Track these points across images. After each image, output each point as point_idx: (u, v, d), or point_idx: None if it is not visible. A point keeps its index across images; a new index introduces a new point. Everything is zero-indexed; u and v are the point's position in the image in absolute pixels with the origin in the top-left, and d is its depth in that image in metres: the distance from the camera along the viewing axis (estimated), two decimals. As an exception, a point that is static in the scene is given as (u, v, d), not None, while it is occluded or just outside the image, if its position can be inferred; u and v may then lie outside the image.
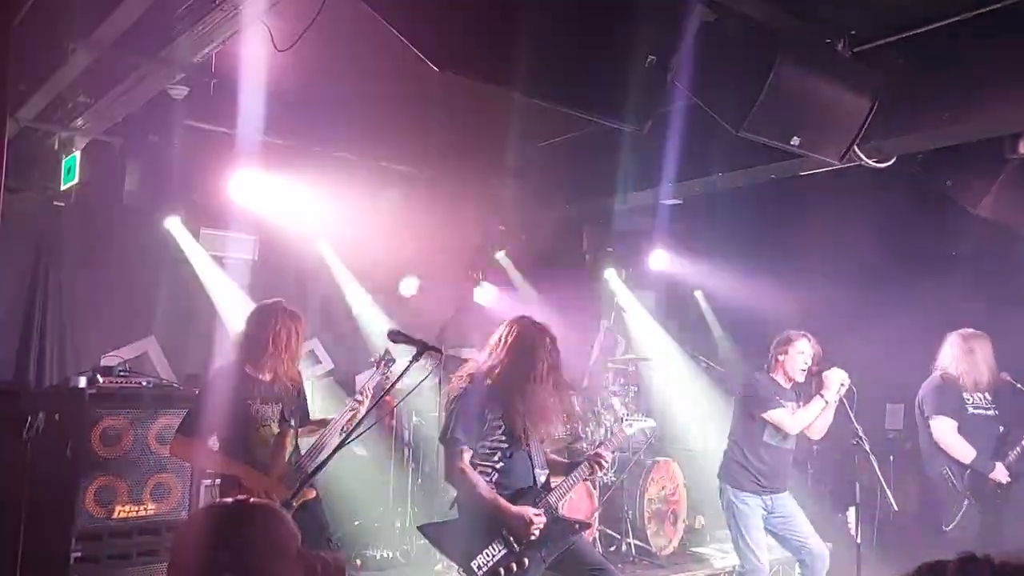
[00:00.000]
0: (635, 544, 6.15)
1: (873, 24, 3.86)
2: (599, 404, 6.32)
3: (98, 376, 4.95)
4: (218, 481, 4.63)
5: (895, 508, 4.43)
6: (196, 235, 6.06)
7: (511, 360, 3.64)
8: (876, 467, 4.35)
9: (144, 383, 5.09)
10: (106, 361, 5.61)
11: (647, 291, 8.30)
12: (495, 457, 3.60)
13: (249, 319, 4.11)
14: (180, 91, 4.96)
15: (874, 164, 4.30)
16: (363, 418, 3.90)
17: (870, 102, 3.72)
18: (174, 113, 5.21)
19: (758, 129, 3.54)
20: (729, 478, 4.80)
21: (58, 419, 4.81)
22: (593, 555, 3.86)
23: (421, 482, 6.22)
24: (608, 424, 6.08)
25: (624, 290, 7.86)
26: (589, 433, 6.06)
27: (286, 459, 3.94)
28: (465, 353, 5.40)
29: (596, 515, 5.87)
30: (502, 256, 7.18)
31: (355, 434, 3.54)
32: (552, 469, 3.81)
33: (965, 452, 4.96)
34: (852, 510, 4.36)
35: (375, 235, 6.64)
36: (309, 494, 3.85)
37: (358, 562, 5.74)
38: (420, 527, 3.72)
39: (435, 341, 5.40)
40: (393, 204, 6.44)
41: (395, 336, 3.38)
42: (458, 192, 6.66)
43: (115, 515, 4.77)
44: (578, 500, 5.59)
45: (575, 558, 3.66)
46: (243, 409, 3.88)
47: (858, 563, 4.24)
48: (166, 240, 5.95)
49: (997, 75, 3.75)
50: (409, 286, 6.68)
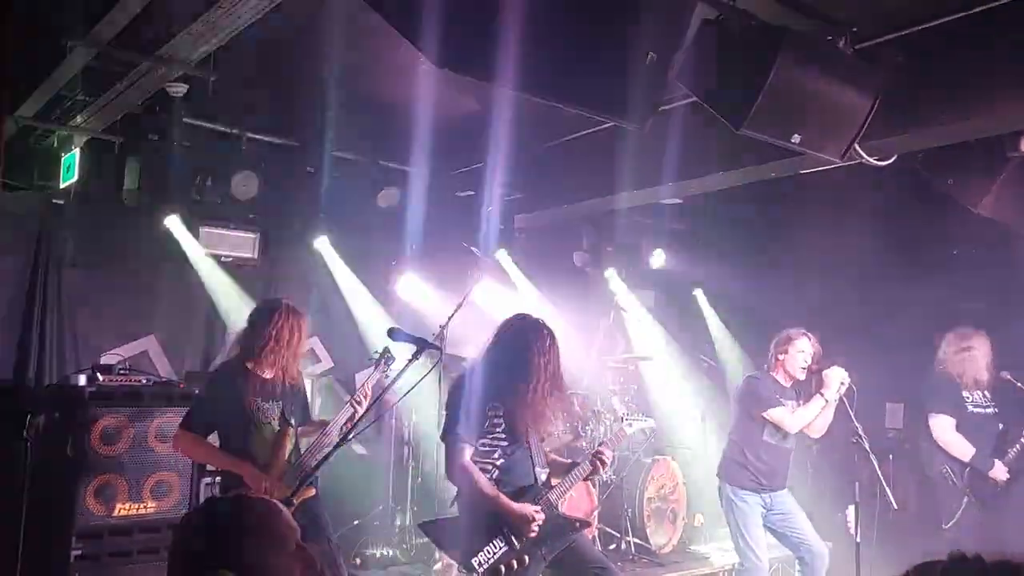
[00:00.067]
0: (635, 542, 6.14)
1: (874, 21, 3.85)
2: (599, 403, 6.31)
3: (98, 374, 4.94)
4: (218, 479, 4.63)
5: (894, 506, 4.43)
6: (196, 233, 6.04)
7: (510, 357, 3.63)
8: (876, 465, 4.35)
9: (144, 381, 5.07)
10: (106, 359, 5.59)
11: (647, 290, 8.30)
12: (495, 454, 3.58)
13: (252, 315, 4.12)
14: (179, 89, 4.97)
15: (875, 162, 4.29)
16: (362, 416, 3.90)
17: (871, 100, 3.71)
18: (173, 111, 5.23)
19: (759, 127, 3.52)
20: (728, 476, 4.81)
21: (58, 417, 4.82)
22: (593, 553, 3.86)
23: (421, 481, 6.21)
24: (608, 423, 6.07)
25: (624, 289, 7.85)
26: (589, 432, 6.05)
27: (286, 457, 3.93)
28: (464, 352, 5.39)
29: (596, 513, 5.87)
30: (502, 256, 7.17)
31: (354, 432, 3.55)
32: (552, 469, 3.79)
33: (964, 450, 4.97)
34: (851, 509, 4.36)
35: (375, 234, 6.64)
36: (309, 493, 3.84)
37: (358, 561, 5.74)
38: (420, 524, 3.72)
39: (435, 339, 5.41)
40: (392, 202, 6.44)
41: (395, 334, 3.39)
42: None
43: (115, 513, 4.76)
44: (578, 498, 5.58)
45: (575, 556, 3.65)
46: (244, 406, 3.88)
47: (857, 561, 4.23)
48: (165, 238, 5.94)
49: (998, 73, 3.74)
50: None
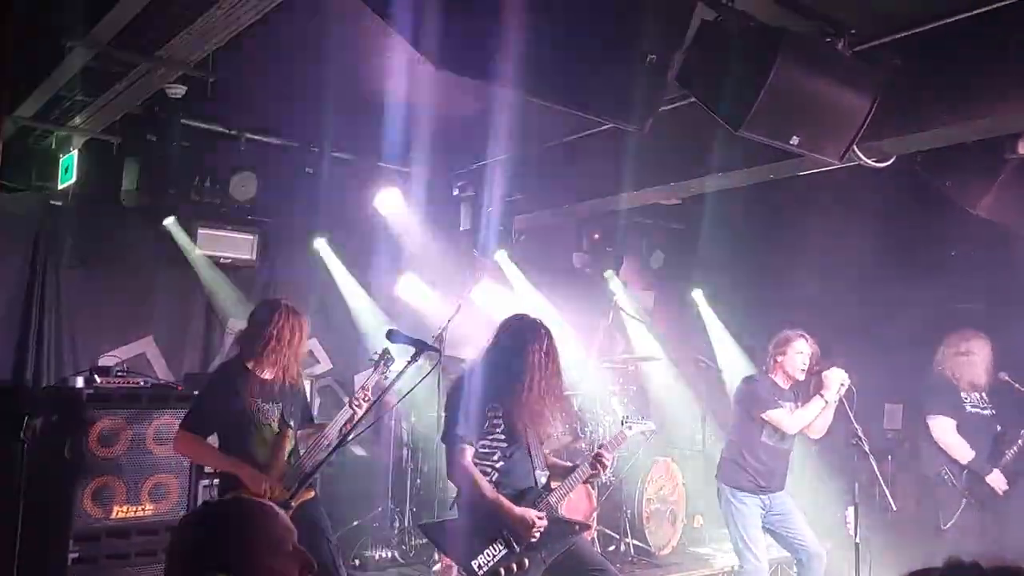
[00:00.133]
0: (634, 544, 6.14)
1: (873, 23, 3.85)
2: (599, 404, 6.31)
3: (95, 376, 4.93)
4: (216, 481, 4.62)
5: (894, 508, 4.44)
6: (194, 235, 6.03)
7: (508, 357, 3.62)
8: (875, 467, 4.35)
9: (142, 383, 5.06)
10: (103, 361, 5.59)
11: (647, 291, 8.30)
12: (495, 456, 3.58)
13: (252, 315, 4.10)
14: (178, 90, 4.96)
15: (873, 164, 4.28)
16: (361, 418, 3.89)
17: (870, 101, 3.70)
18: (172, 112, 5.22)
19: (758, 128, 3.52)
20: (727, 478, 4.81)
21: (55, 419, 4.81)
22: (593, 555, 3.86)
23: (420, 482, 6.20)
24: (608, 424, 6.07)
25: (623, 290, 7.85)
26: (588, 434, 6.04)
27: (285, 459, 3.92)
28: (464, 353, 5.39)
29: (595, 515, 5.86)
30: (502, 256, 7.17)
31: (353, 434, 3.54)
32: (552, 472, 3.78)
33: (964, 452, 4.96)
34: (851, 510, 4.36)
35: (374, 235, 6.64)
36: (308, 494, 3.83)
37: (357, 562, 5.73)
38: (420, 525, 3.72)
39: (434, 341, 5.40)
40: (391, 202, 6.44)
41: (393, 336, 3.38)
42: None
43: (113, 515, 4.74)
44: (577, 500, 5.57)
45: (575, 558, 3.65)
46: (244, 407, 3.86)
47: (856, 562, 4.23)
48: (164, 239, 5.93)
49: (997, 75, 3.73)
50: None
